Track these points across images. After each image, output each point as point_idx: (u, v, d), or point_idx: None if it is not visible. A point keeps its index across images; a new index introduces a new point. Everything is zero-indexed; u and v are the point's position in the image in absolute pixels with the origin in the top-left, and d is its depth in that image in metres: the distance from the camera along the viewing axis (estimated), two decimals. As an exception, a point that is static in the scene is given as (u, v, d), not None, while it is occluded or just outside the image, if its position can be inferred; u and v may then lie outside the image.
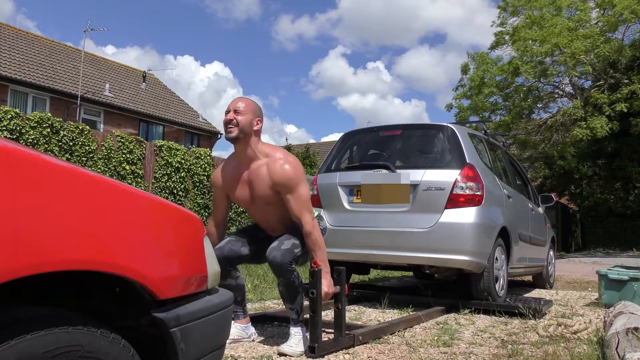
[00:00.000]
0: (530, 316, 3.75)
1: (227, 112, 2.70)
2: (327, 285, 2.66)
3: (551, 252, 6.55)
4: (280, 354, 2.63)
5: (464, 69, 17.32)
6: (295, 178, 2.66)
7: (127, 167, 8.70)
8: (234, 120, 2.65)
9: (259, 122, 2.72)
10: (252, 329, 2.98)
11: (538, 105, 16.44)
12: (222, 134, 19.94)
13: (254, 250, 2.87)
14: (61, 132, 7.88)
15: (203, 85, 56.03)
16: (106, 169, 8.39)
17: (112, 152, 8.56)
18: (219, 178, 2.91)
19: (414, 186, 4.08)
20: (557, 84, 16.43)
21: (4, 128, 7.22)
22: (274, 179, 2.66)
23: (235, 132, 2.66)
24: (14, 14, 49.90)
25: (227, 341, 2.73)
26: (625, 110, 13.18)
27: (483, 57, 16.78)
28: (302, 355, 2.64)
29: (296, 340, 2.69)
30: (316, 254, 2.67)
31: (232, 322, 2.84)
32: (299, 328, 2.74)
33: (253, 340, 2.94)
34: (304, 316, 2.79)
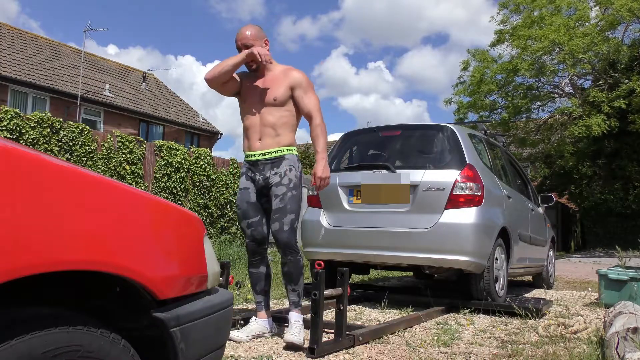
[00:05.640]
0: (530, 316, 3.75)
1: (238, 49, 2.96)
2: (320, 170, 2.85)
3: (551, 252, 6.55)
4: (288, 343, 2.73)
5: (465, 66, 17.30)
6: (309, 83, 3.00)
7: (127, 167, 8.70)
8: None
9: (266, 43, 3.02)
10: (272, 323, 3.07)
11: (536, 103, 16.44)
12: (222, 134, 19.95)
13: (267, 220, 3.03)
14: (61, 132, 7.88)
15: (205, 85, 55.94)
16: (106, 169, 8.39)
17: (112, 152, 8.56)
18: (239, 74, 3.16)
19: (414, 186, 4.07)
20: (556, 84, 16.45)
21: (4, 128, 7.22)
22: (292, 78, 2.97)
23: (254, 65, 2.99)
24: (19, 14, 49.99)
25: (250, 337, 2.85)
26: (624, 107, 13.17)
27: (484, 54, 16.76)
28: (304, 342, 2.75)
29: (297, 329, 2.81)
30: (319, 141, 2.91)
31: (253, 317, 3.04)
32: (299, 316, 2.88)
33: (274, 335, 3.04)
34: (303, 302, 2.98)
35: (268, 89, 2.97)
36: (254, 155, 2.97)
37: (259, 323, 2.99)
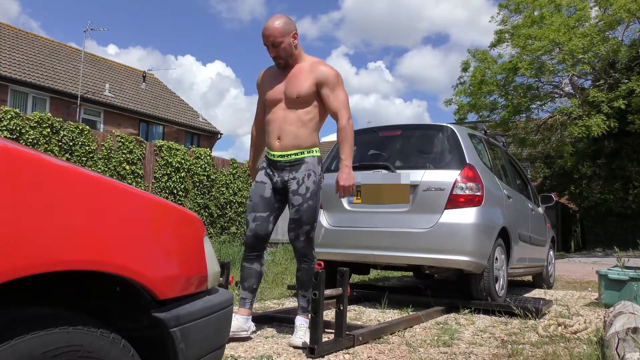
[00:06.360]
0: (530, 316, 3.75)
1: (266, 46, 2.84)
2: (343, 178, 2.75)
3: (551, 252, 6.55)
4: (295, 347, 2.73)
5: (465, 67, 17.29)
6: (338, 78, 2.87)
7: (127, 167, 8.71)
8: (278, 54, 2.84)
9: (295, 36, 2.87)
10: (251, 323, 3.01)
11: (536, 103, 16.44)
12: (222, 134, 19.94)
13: (274, 218, 3.00)
14: (61, 132, 7.88)
15: (205, 85, 56.06)
16: (106, 169, 8.39)
17: (112, 152, 8.56)
18: (260, 78, 3.08)
19: (414, 186, 4.07)
20: (556, 84, 16.45)
21: (4, 128, 7.22)
22: (319, 74, 2.84)
23: (283, 61, 2.88)
24: (19, 14, 50.06)
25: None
26: (624, 107, 13.17)
27: (484, 54, 16.75)
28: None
29: (302, 332, 2.82)
30: (343, 146, 2.81)
31: (234, 313, 2.89)
32: (305, 321, 2.87)
33: (250, 336, 2.95)
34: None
35: (292, 85, 2.85)
36: (273, 155, 2.92)
37: (239, 320, 2.86)
